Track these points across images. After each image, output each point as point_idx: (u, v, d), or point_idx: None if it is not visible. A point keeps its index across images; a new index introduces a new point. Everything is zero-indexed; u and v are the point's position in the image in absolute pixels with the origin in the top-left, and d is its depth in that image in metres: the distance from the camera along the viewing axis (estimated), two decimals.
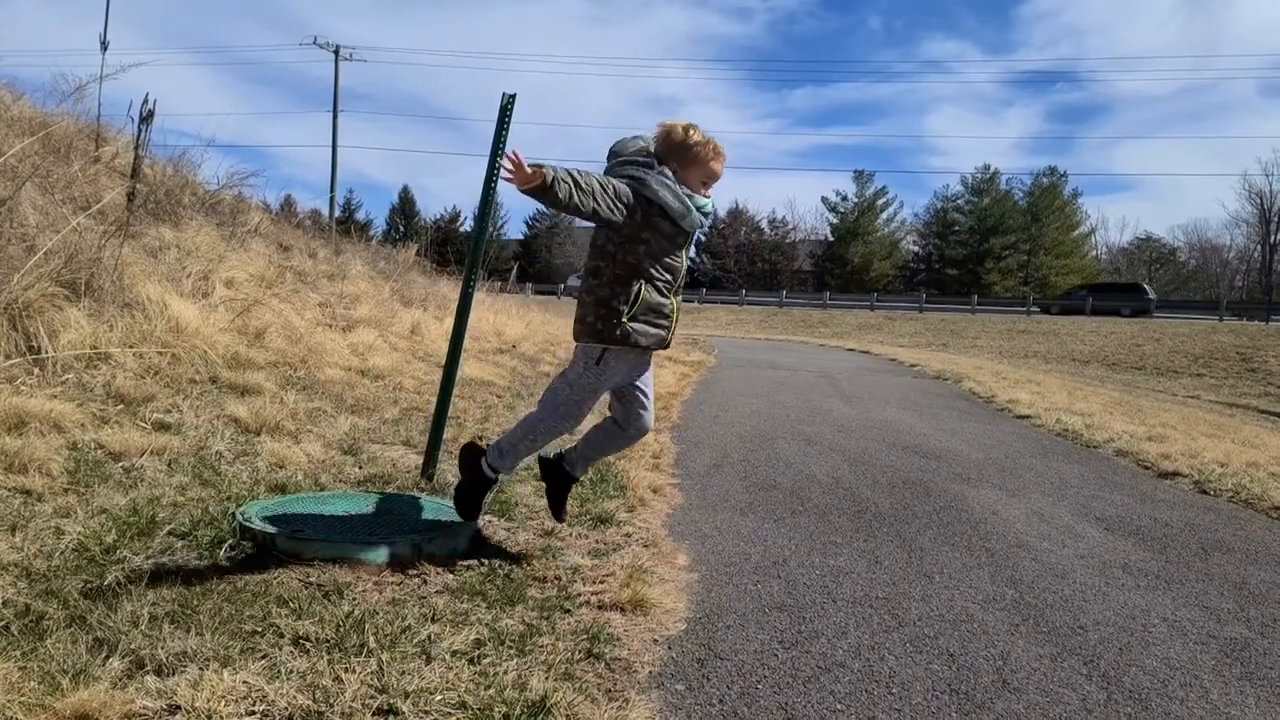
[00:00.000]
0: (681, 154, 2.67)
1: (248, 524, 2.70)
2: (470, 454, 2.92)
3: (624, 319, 2.64)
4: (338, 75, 35.83)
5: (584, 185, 2.46)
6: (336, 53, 35.71)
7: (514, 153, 2.35)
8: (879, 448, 5.83)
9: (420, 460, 3.81)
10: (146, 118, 6.34)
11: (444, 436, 3.79)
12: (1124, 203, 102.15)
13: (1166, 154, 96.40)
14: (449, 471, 3.88)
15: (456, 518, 3.07)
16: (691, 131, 2.69)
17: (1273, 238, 56.70)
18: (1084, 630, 2.65)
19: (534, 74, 79.44)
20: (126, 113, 6.71)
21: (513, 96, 3.50)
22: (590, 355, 2.72)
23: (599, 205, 2.49)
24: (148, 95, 6.34)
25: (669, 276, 2.71)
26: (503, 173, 2.39)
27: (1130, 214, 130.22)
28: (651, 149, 2.75)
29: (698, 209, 2.67)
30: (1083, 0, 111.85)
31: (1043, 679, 2.28)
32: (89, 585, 2.21)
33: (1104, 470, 5.51)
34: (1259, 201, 57.17)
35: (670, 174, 2.65)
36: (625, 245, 2.62)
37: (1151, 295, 36.61)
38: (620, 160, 2.69)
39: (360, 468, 3.83)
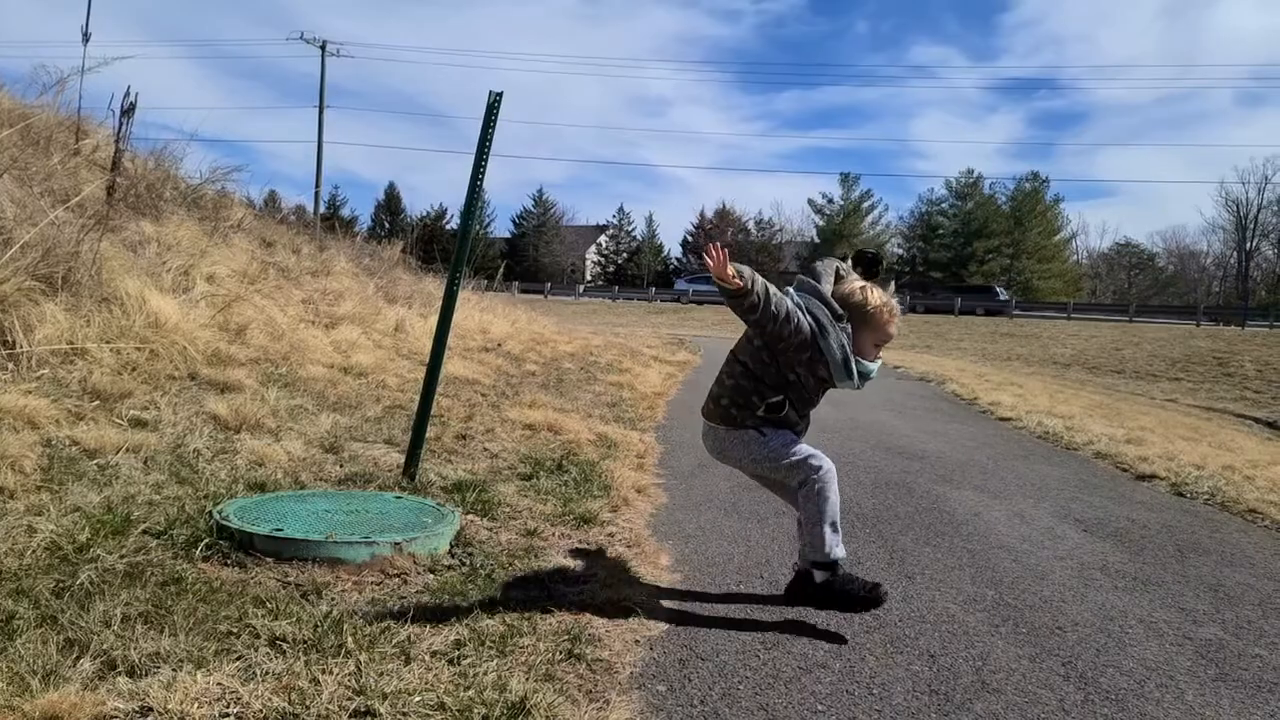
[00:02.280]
0: (859, 317, 2.63)
1: (225, 523, 2.67)
2: (800, 582, 2.74)
3: (757, 414, 2.63)
4: (324, 70, 35.62)
5: (774, 304, 2.46)
6: (323, 48, 35.48)
7: (721, 249, 2.36)
8: (862, 449, 5.86)
9: (402, 459, 3.79)
10: (128, 111, 6.26)
11: (426, 435, 3.77)
12: (1104, 208, 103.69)
13: (1146, 161, 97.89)
14: (431, 470, 3.85)
15: (438, 517, 3.05)
16: (870, 294, 2.64)
17: (1249, 244, 57.62)
18: (1062, 631, 2.67)
19: (522, 72, 79.23)
20: (108, 106, 6.59)
21: (499, 95, 3.49)
22: (745, 437, 2.65)
23: (777, 329, 2.49)
24: (129, 88, 6.27)
25: (805, 404, 2.70)
26: (707, 259, 2.39)
27: (1110, 220, 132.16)
28: (839, 273, 2.73)
29: (861, 374, 2.62)
30: (1064, 8, 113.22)
31: (1021, 680, 2.29)
32: (61, 584, 2.17)
33: (1084, 472, 5.56)
34: (1235, 209, 58.10)
35: (849, 333, 2.60)
36: (779, 361, 2.59)
37: (1003, 296, 41.43)
38: (816, 294, 2.61)
39: (341, 466, 3.79)
